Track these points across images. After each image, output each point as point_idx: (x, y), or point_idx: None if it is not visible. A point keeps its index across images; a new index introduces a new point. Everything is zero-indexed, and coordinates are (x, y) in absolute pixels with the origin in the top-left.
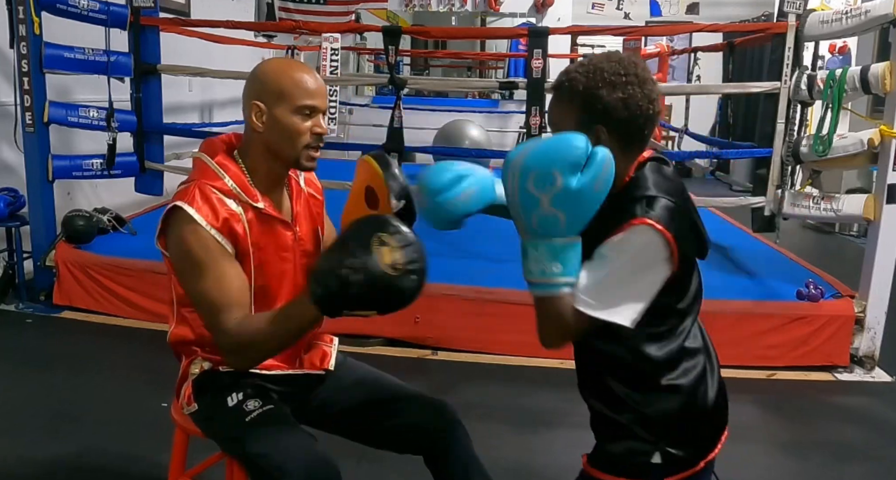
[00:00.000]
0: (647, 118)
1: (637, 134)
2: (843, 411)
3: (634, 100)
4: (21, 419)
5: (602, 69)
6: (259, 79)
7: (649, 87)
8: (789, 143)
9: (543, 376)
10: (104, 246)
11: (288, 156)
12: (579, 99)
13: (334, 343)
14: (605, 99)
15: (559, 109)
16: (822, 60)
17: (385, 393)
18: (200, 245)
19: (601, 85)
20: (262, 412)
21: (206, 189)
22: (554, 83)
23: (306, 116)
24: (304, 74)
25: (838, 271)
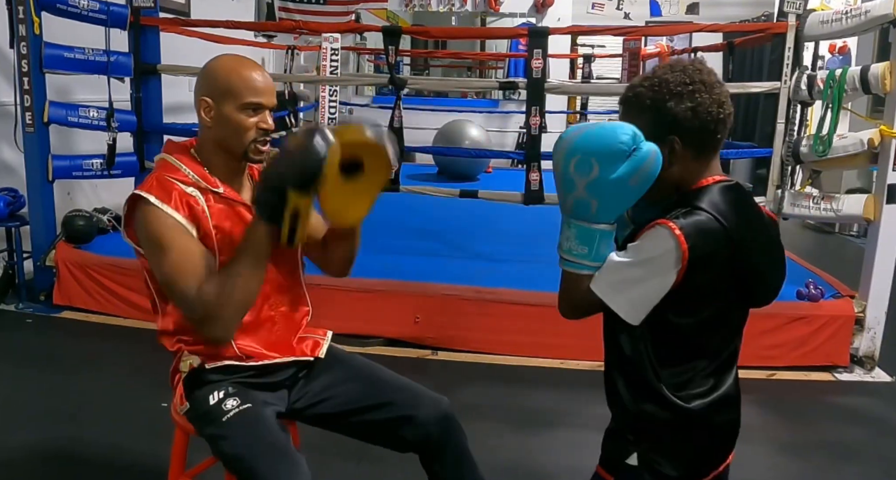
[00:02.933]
0: (718, 122)
1: (710, 139)
2: (843, 411)
3: (704, 107)
4: (21, 419)
5: (667, 81)
6: (208, 76)
7: (717, 90)
8: (789, 143)
9: (543, 376)
10: (104, 246)
11: (236, 150)
12: (648, 113)
13: (327, 336)
14: (673, 110)
15: (631, 123)
16: (822, 59)
17: (379, 388)
18: (160, 224)
19: (668, 97)
20: (239, 412)
21: (164, 179)
22: (621, 99)
23: (252, 112)
24: (252, 72)
25: (838, 271)
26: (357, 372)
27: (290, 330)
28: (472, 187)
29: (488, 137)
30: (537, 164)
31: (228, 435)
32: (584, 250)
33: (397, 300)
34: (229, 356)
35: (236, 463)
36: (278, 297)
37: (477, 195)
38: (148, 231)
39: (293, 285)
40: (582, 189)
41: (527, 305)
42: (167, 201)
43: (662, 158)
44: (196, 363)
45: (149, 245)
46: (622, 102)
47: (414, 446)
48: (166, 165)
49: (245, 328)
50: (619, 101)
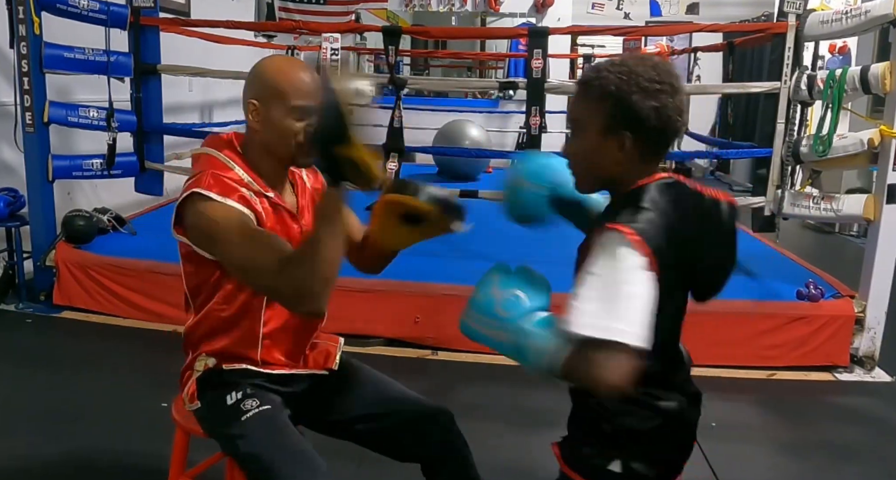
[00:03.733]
0: (674, 130)
1: (661, 145)
2: (843, 411)
3: (666, 110)
4: (21, 419)
5: (637, 73)
6: (256, 77)
7: (680, 96)
8: (789, 143)
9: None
10: (104, 246)
11: (283, 154)
12: (610, 101)
13: (339, 343)
14: (637, 106)
15: (585, 106)
16: (822, 59)
17: (384, 397)
18: (223, 214)
19: (635, 90)
20: (259, 413)
21: (220, 178)
22: (582, 78)
23: (300, 116)
24: (301, 74)
25: (838, 271)
26: (362, 381)
27: (305, 338)
28: (472, 187)
29: (488, 137)
30: None
31: (247, 435)
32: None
33: (397, 300)
34: (249, 360)
35: (254, 463)
36: None
37: (477, 195)
38: (212, 221)
39: None
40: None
41: None
42: (228, 195)
43: (608, 151)
44: (212, 363)
45: (212, 236)
46: (584, 83)
47: (415, 456)
48: (215, 163)
49: (272, 334)
50: (579, 80)
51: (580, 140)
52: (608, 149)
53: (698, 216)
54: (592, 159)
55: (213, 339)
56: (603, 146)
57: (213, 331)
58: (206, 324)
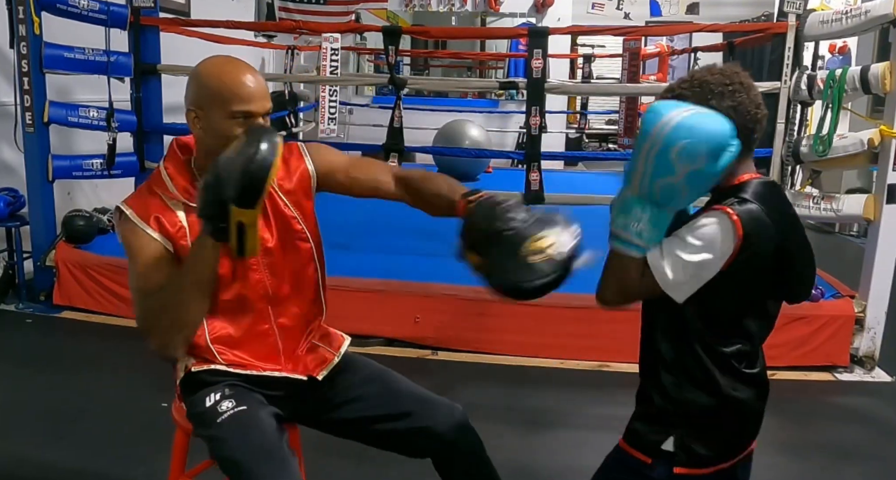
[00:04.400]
0: (756, 122)
1: (748, 138)
2: (843, 411)
3: (744, 106)
4: (21, 419)
5: (708, 81)
6: (193, 83)
7: (754, 92)
8: (789, 143)
9: (543, 376)
10: (104, 246)
11: None
12: None
13: (342, 348)
14: (716, 109)
15: None
16: (822, 59)
17: (394, 397)
18: (131, 237)
19: (710, 97)
20: (233, 414)
21: (144, 196)
22: (660, 98)
23: (242, 121)
24: (241, 76)
25: (838, 271)
26: (372, 380)
27: (292, 339)
28: (472, 186)
29: (488, 137)
30: (537, 164)
31: (222, 437)
32: (648, 233)
33: (397, 300)
34: (213, 362)
35: (228, 466)
36: (277, 309)
37: None
38: (123, 240)
39: (300, 294)
40: (682, 177)
41: (527, 305)
42: (144, 217)
43: None
44: (191, 364)
45: (126, 253)
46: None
47: (427, 453)
48: (156, 177)
49: (224, 340)
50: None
51: None
52: None
53: (792, 217)
54: None
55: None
56: None
57: None
58: None
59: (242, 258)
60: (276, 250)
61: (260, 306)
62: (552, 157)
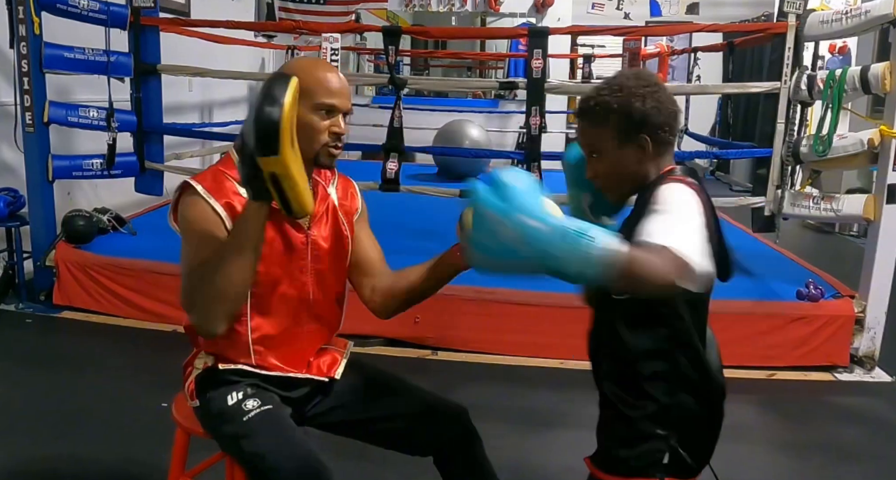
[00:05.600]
0: (674, 118)
1: (671, 134)
2: (843, 411)
3: (664, 104)
4: (21, 419)
5: (627, 86)
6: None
7: (666, 90)
8: (789, 143)
9: (543, 376)
10: (104, 246)
11: (306, 152)
12: (616, 116)
13: (347, 349)
14: (641, 109)
15: (595, 131)
16: (822, 59)
17: (394, 396)
18: (198, 214)
19: (633, 99)
20: (261, 412)
21: (220, 173)
22: (581, 109)
23: (325, 114)
24: (329, 74)
25: (838, 271)
26: (374, 381)
27: (312, 346)
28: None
29: (488, 137)
30: (537, 164)
31: (250, 434)
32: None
33: None
34: (244, 362)
35: (258, 462)
36: (309, 316)
37: None
38: (183, 215)
39: (331, 306)
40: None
41: (527, 305)
42: (215, 194)
43: (631, 157)
44: (211, 361)
45: (181, 229)
46: (583, 113)
47: (431, 452)
48: (227, 161)
49: (264, 341)
50: (578, 113)
51: (601, 160)
52: (629, 156)
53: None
54: (619, 171)
55: (208, 342)
56: (624, 156)
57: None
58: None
59: (295, 217)
60: (326, 259)
61: (298, 308)
62: (552, 157)
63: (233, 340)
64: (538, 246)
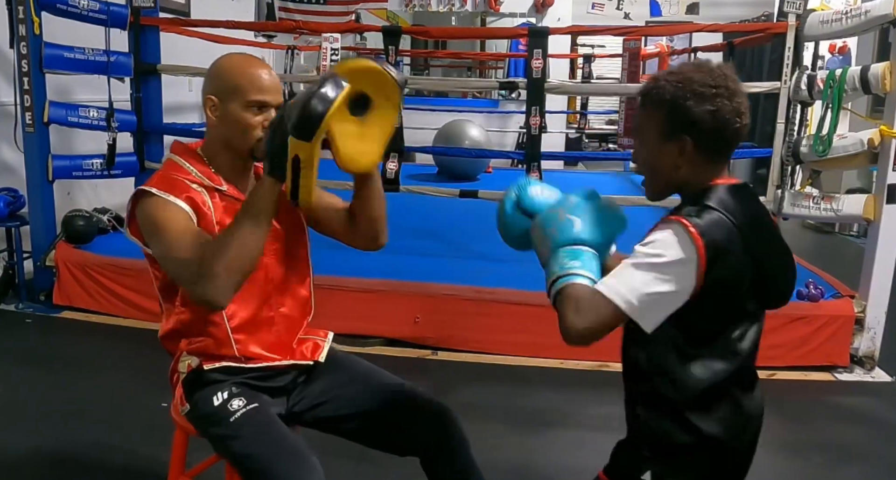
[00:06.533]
0: (734, 132)
1: (723, 146)
2: (843, 411)
3: (723, 113)
4: (21, 419)
5: (692, 80)
6: (214, 74)
7: (738, 100)
8: (789, 143)
9: (543, 376)
10: (104, 246)
11: (240, 148)
12: (666, 108)
13: (328, 337)
14: (692, 110)
15: (644, 115)
16: (822, 59)
17: (381, 391)
18: (161, 208)
19: (690, 96)
20: (246, 412)
21: (170, 176)
22: (641, 90)
23: (257, 111)
24: (258, 70)
25: (838, 271)
26: (358, 376)
27: (290, 331)
28: (472, 187)
29: (488, 137)
30: (537, 164)
31: (239, 435)
32: (576, 263)
33: (397, 300)
34: (228, 357)
35: (248, 462)
36: (279, 298)
37: (477, 195)
38: (148, 216)
39: (297, 287)
40: (562, 213)
41: (527, 305)
42: (172, 192)
43: (669, 156)
44: (195, 363)
45: (149, 230)
46: (642, 94)
47: (414, 451)
48: (172, 165)
49: (243, 327)
50: (639, 92)
51: (644, 147)
52: (668, 154)
53: (765, 222)
54: (655, 164)
55: (189, 336)
56: (663, 151)
57: (187, 329)
58: (177, 323)
59: (296, 205)
60: (282, 237)
61: (266, 290)
62: (552, 157)
63: (213, 332)
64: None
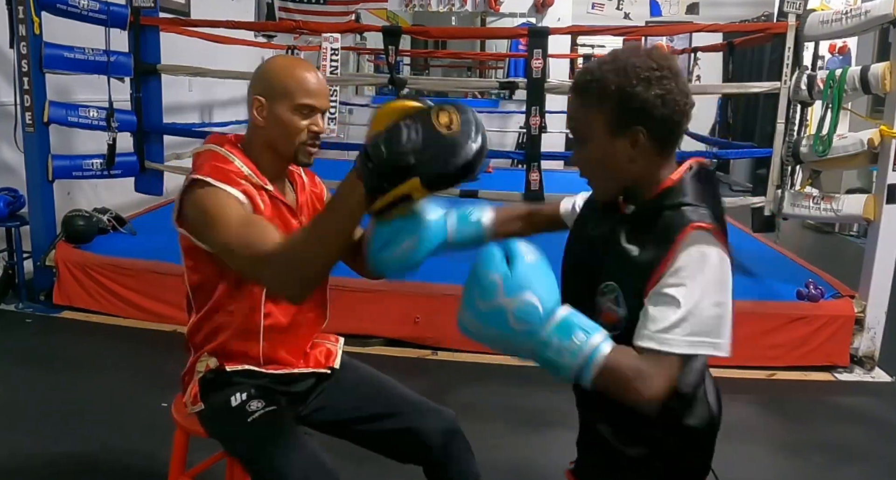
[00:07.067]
0: (683, 114)
1: (675, 132)
2: (843, 411)
3: (672, 95)
4: (21, 419)
5: (634, 65)
6: (264, 75)
7: (682, 78)
8: (789, 143)
9: (543, 376)
10: (104, 246)
11: (285, 151)
12: (613, 99)
13: (340, 343)
14: (641, 96)
15: (585, 112)
16: (822, 59)
17: (385, 397)
18: (220, 200)
19: (636, 82)
20: (265, 413)
21: (220, 168)
22: (576, 84)
23: (305, 114)
24: (307, 74)
25: (838, 271)
26: (363, 381)
27: (307, 336)
28: (472, 187)
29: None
30: (537, 164)
31: (255, 436)
32: (580, 337)
33: (397, 300)
34: (252, 359)
35: (263, 464)
36: (310, 302)
37: (477, 195)
38: (206, 206)
39: (319, 291)
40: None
41: None
42: (228, 183)
43: (622, 153)
44: (214, 364)
45: (207, 219)
46: (578, 89)
47: (416, 458)
48: (217, 157)
49: (274, 329)
50: (573, 87)
51: (589, 147)
52: (621, 149)
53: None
54: (607, 164)
55: (216, 336)
56: (614, 147)
57: (215, 328)
58: (208, 321)
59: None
60: None
61: None
62: (552, 157)
63: (246, 329)
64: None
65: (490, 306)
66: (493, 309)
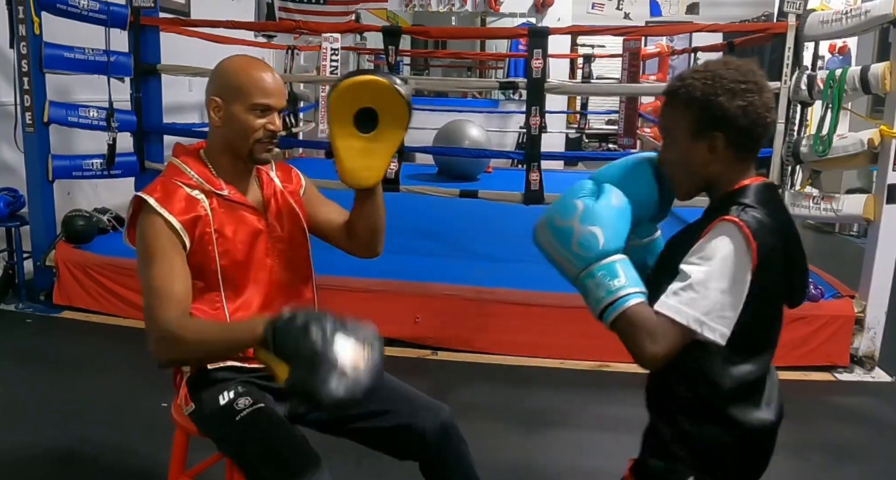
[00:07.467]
0: (764, 127)
1: (753, 143)
2: (843, 411)
3: (754, 108)
4: (21, 419)
5: (721, 76)
6: (219, 76)
7: (767, 95)
8: (789, 143)
9: (543, 376)
10: (104, 246)
11: (242, 150)
12: (696, 105)
13: None
14: (724, 106)
15: (673, 115)
16: (822, 59)
17: (379, 392)
18: (156, 234)
19: (720, 92)
20: (253, 411)
21: (169, 182)
22: (668, 88)
23: (260, 113)
24: (263, 73)
25: (838, 271)
26: None
27: None
28: (472, 187)
29: (488, 137)
30: (537, 164)
31: (244, 434)
32: (619, 281)
33: (397, 300)
34: (231, 358)
35: (253, 461)
36: (283, 300)
37: (477, 195)
38: (142, 239)
39: (301, 288)
40: (579, 225)
41: (527, 305)
42: (167, 205)
43: (700, 155)
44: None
45: (141, 248)
46: (668, 93)
47: (412, 454)
48: (173, 169)
49: None
50: (665, 91)
51: (673, 147)
52: (699, 151)
53: (790, 221)
54: (687, 164)
55: None
56: (694, 150)
57: None
58: None
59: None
60: (286, 239)
61: (270, 292)
62: (552, 157)
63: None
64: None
65: (564, 223)
66: (565, 227)
